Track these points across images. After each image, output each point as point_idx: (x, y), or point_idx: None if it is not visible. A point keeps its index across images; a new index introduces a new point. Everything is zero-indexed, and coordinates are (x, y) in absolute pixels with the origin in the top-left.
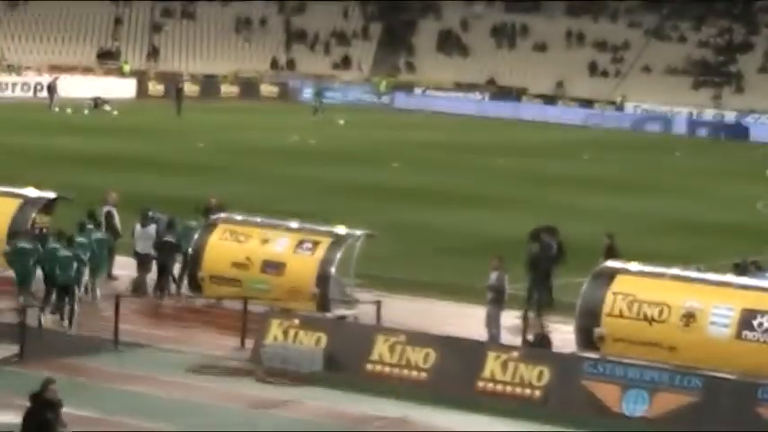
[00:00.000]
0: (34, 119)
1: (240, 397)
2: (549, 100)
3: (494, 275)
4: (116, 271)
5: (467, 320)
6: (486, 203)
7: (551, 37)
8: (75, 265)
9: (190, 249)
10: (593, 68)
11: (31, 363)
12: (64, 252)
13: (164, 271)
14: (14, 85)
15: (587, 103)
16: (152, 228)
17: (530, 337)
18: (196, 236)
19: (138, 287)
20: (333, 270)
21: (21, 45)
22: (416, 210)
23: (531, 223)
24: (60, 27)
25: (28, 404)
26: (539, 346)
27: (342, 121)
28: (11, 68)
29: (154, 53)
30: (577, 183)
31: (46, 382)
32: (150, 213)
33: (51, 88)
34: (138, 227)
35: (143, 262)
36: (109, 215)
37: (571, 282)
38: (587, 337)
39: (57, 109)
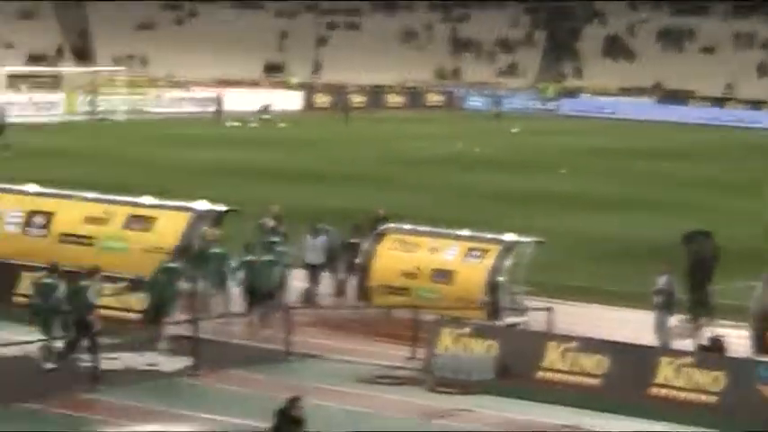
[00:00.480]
0: (202, 133)
1: (412, 406)
2: (718, 102)
3: (662, 280)
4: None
5: (636, 326)
6: (654, 208)
7: (719, 39)
8: (276, 270)
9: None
10: (763, 69)
11: (203, 374)
12: (266, 257)
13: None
14: (182, 100)
15: (757, 104)
16: (322, 239)
17: (704, 342)
18: (366, 246)
19: (308, 298)
20: (502, 278)
21: (189, 61)
22: (585, 215)
23: (697, 227)
24: (227, 42)
25: (274, 420)
26: (713, 351)
27: (515, 129)
28: (179, 84)
29: (319, 65)
30: (741, 186)
31: (293, 400)
32: (320, 225)
33: (218, 102)
34: (308, 238)
35: (313, 273)
36: (261, 225)
37: (733, 285)
38: (762, 342)
39: (228, 123)
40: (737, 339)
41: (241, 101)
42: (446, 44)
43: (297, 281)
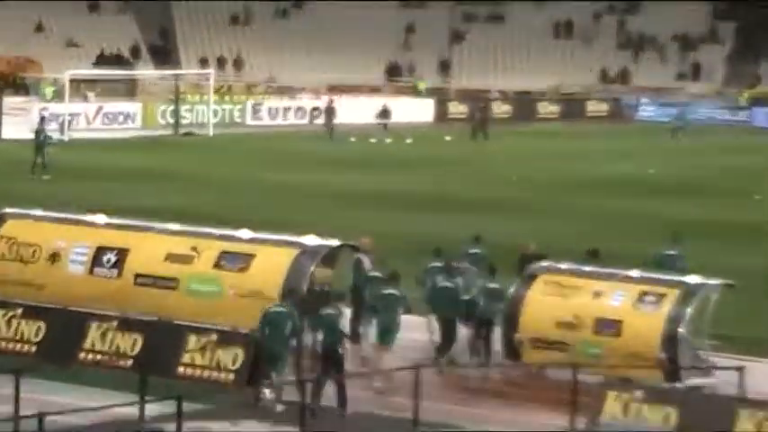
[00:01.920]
0: (311, 150)
1: None
2: None
3: None
4: (409, 334)
5: None
6: None
7: None
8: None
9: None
10: None
11: None
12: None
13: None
14: (286, 110)
15: None
16: (457, 281)
17: None
18: (511, 290)
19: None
20: (682, 329)
21: (293, 62)
22: None
23: None
24: (340, 39)
25: None
26: None
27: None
28: (281, 91)
29: (451, 67)
30: None
31: None
32: (454, 264)
33: (329, 113)
34: (438, 279)
35: (447, 323)
36: (358, 263)
37: None
38: None
39: (352, 139)
40: None
41: (358, 111)
42: (612, 40)
43: (419, 332)
